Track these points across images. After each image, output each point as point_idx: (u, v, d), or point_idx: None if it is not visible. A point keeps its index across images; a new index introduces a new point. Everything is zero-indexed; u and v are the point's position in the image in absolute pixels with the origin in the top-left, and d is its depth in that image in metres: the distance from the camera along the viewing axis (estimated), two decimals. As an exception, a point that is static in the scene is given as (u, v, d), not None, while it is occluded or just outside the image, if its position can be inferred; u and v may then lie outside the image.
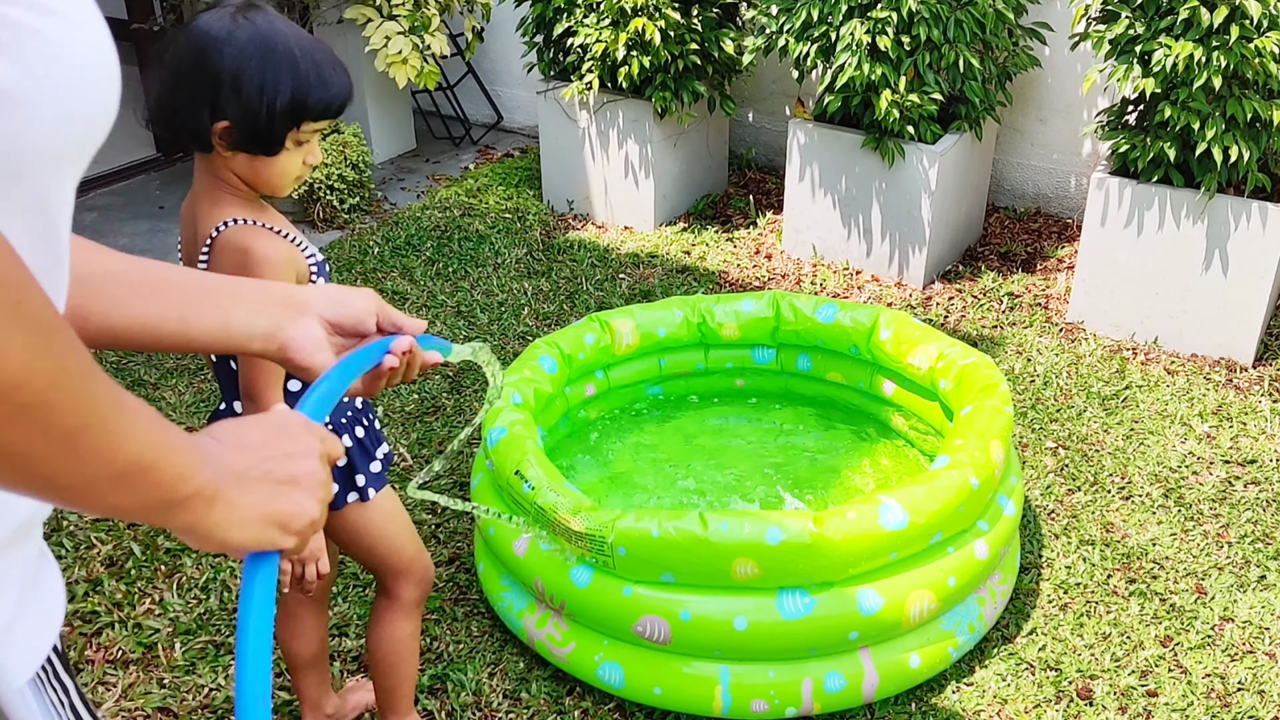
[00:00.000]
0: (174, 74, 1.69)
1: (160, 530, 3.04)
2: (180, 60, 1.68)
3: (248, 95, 1.67)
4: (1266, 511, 3.12)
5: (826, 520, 2.34)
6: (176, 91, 1.69)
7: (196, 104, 1.68)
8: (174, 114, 1.71)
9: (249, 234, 1.76)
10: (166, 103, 1.71)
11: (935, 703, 2.54)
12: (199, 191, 1.81)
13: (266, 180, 1.79)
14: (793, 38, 4.13)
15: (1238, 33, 3.37)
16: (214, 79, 1.66)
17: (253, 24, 1.68)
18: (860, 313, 3.19)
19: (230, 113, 1.68)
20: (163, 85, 1.70)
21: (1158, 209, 3.76)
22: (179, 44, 1.69)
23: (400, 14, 4.76)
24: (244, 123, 1.69)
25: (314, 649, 2.28)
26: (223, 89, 1.66)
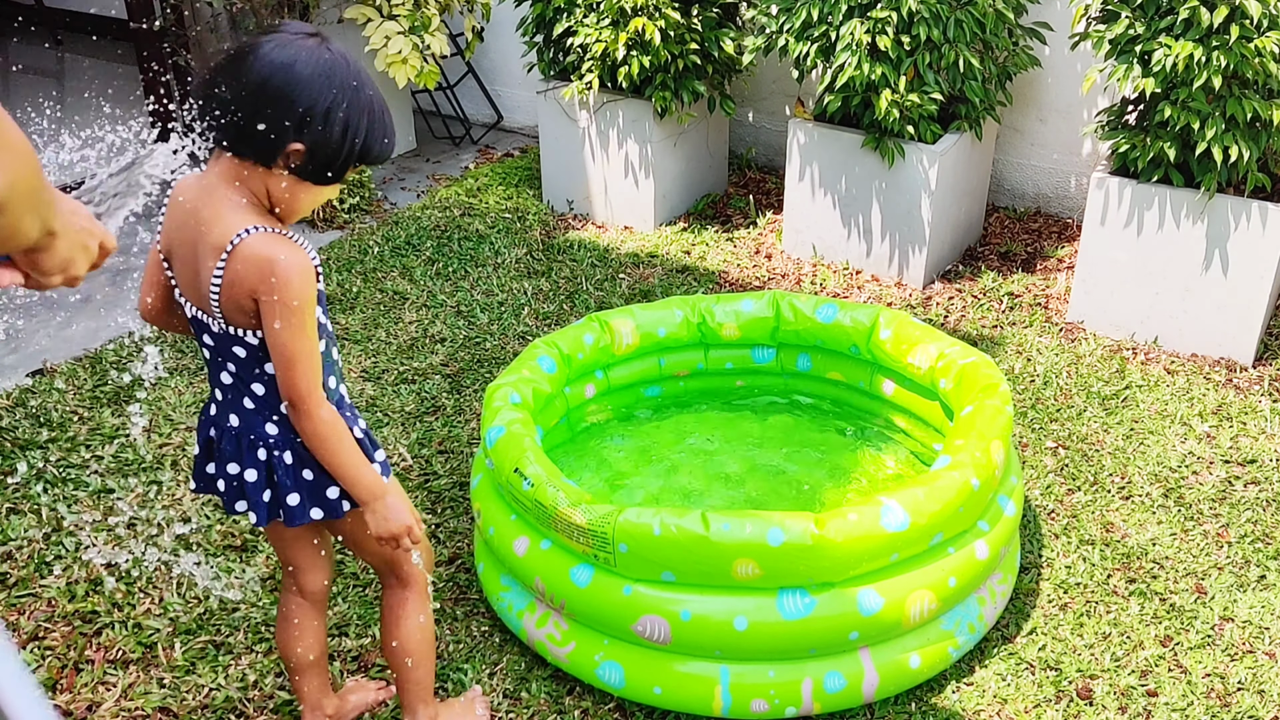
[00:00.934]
0: (263, 87, 1.71)
1: (160, 530, 3.04)
2: (273, 75, 1.71)
3: (332, 129, 1.74)
4: (1266, 511, 3.12)
5: (828, 521, 2.35)
6: (262, 102, 1.71)
7: (281, 121, 1.71)
8: (250, 121, 1.72)
9: (274, 242, 1.76)
10: (245, 108, 1.71)
11: (935, 703, 2.54)
12: (216, 193, 1.79)
13: (299, 205, 1.83)
14: (793, 37, 4.13)
15: (1238, 32, 3.37)
16: (308, 105, 1.72)
17: (345, 62, 1.76)
18: (860, 312, 3.19)
19: (309, 139, 1.74)
20: (245, 90, 1.71)
21: (1158, 209, 3.76)
22: (270, 58, 1.71)
23: (400, 14, 4.76)
24: (319, 152, 1.75)
25: (315, 652, 2.28)
26: (313, 117, 1.72)
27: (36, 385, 3.68)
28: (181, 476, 3.24)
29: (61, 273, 1.21)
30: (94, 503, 3.14)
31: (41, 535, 3.01)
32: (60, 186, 1.22)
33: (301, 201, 1.83)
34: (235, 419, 1.95)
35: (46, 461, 3.30)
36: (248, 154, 1.76)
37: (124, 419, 3.50)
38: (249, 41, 1.76)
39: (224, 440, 1.97)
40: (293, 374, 1.81)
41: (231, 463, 1.96)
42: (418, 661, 2.22)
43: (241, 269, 1.76)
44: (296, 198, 1.82)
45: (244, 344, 1.86)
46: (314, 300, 1.81)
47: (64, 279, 1.23)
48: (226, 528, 3.04)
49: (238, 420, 1.95)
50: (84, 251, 1.24)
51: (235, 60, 1.73)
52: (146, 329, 4.02)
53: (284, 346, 1.80)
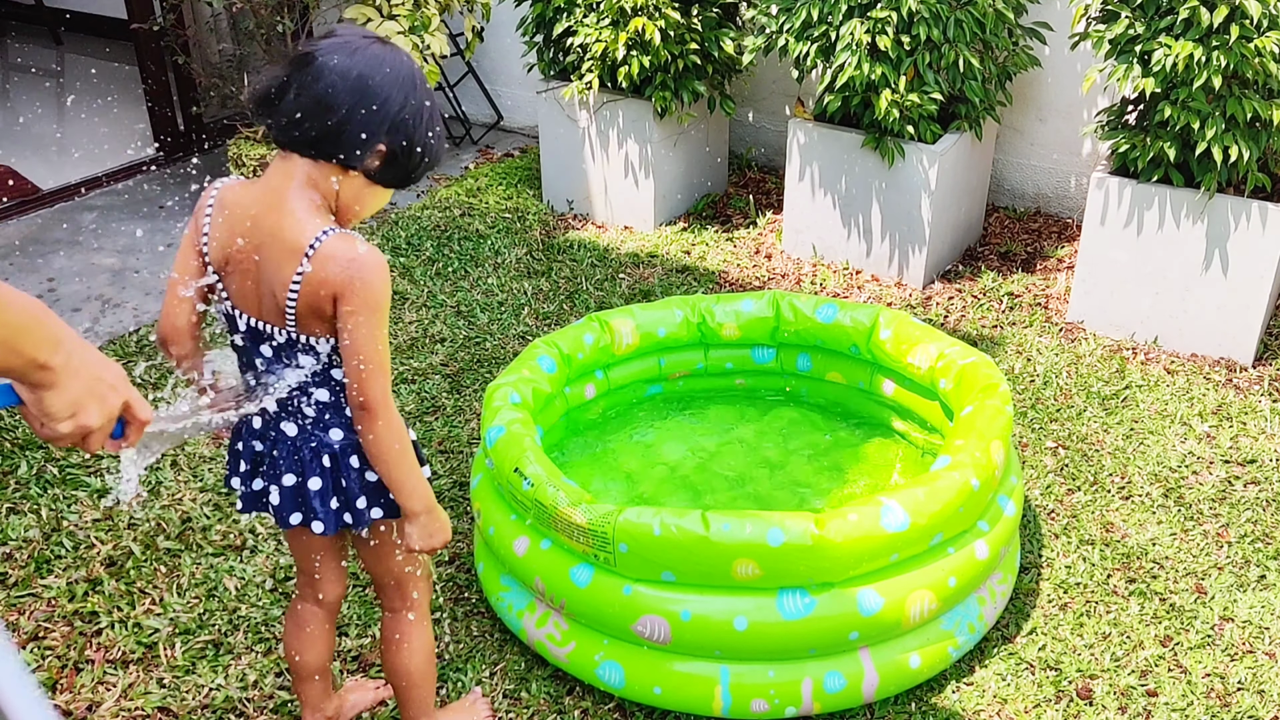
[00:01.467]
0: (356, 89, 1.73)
1: (160, 530, 3.04)
2: (366, 76, 1.73)
3: (420, 133, 1.79)
4: (1266, 511, 3.12)
5: (828, 522, 2.35)
6: (356, 104, 1.73)
7: (374, 123, 1.74)
8: (340, 121, 1.73)
9: (355, 242, 1.77)
10: (335, 110, 1.72)
11: (935, 702, 2.54)
12: (286, 196, 1.78)
13: (364, 206, 1.84)
14: (793, 37, 4.13)
15: (1238, 32, 3.37)
16: (398, 107, 1.75)
17: (416, 66, 1.81)
18: (860, 312, 3.19)
19: (395, 141, 1.77)
20: (334, 93, 1.72)
21: (1158, 209, 3.76)
22: (357, 60, 1.73)
23: (400, 14, 4.76)
24: (401, 154, 1.79)
25: (322, 660, 2.27)
26: (405, 120, 1.76)
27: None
28: (182, 477, 3.24)
29: (70, 419, 1.19)
30: (94, 503, 3.14)
31: (41, 535, 3.01)
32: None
33: (367, 205, 1.84)
34: (292, 428, 1.92)
35: (47, 461, 3.30)
36: (332, 156, 1.76)
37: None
38: (318, 46, 1.76)
39: (278, 451, 1.93)
40: (367, 376, 1.79)
41: (288, 474, 1.94)
42: (419, 680, 2.22)
43: (324, 270, 1.74)
44: (363, 200, 1.83)
45: (312, 351, 1.84)
46: (389, 303, 1.81)
47: (75, 428, 1.20)
48: (226, 528, 3.04)
49: (295, 429, 1.92)
50: (98, 401, 1.21)
51: (307, 64, 1.74)
52: (143, 329, 4.02)
53: (363, 349, 1.78)
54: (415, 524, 1.94)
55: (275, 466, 1.94)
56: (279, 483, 1.95)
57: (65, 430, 1.20)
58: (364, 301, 1.75)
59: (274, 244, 1.77)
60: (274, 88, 1.75)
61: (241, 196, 1.82)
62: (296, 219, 1.76)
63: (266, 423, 1.94)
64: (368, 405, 1.82)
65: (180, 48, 4.91)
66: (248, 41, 5.16)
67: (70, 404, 1.17)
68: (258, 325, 1.85)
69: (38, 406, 1.17)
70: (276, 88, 1.75)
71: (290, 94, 1.74)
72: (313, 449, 1.92)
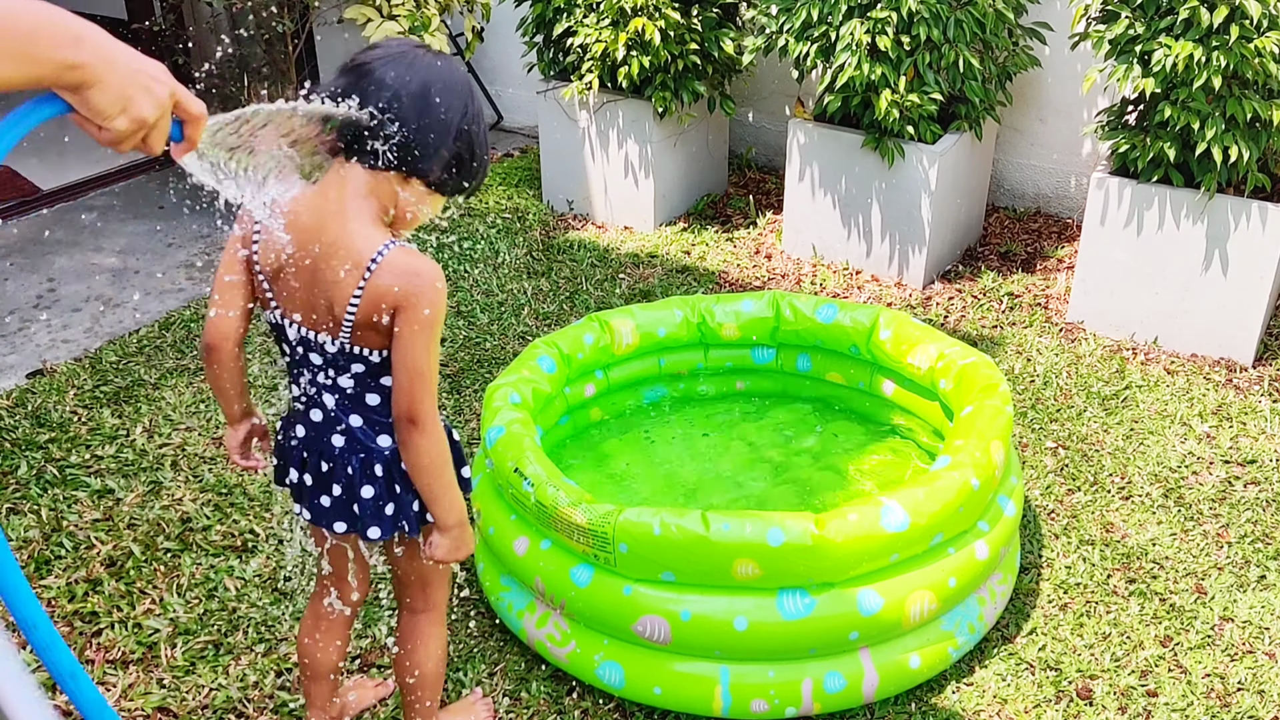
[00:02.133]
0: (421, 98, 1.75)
1: (160, 530, 3.04)
2: (429, 85, 1.77)
3: (480, 140, 1.84)
4: (1266, 511, 3.12)
5: (828, 522, 2.35)
6: (423, 113, 1.76)
7: (441, 132, 1.78)
8: (410, 132, 1.75)
9: (416, 256, 1.78)
10: (404, 119, 1.74)
11: (935, 703, 2.54)
12: (345, 204, 1.78)
13: (420, 217, 1.86)
14: (792, 38, 4.13)
15: (1237, 33, 3.37)
16: (462, 115, 1.80)
17: (469, 77, 1.86)
18: (860, 313, 3.19)
19: (458, 150, 1.80)
20: (421, 107, 1.75)
21: (1157, 209, 3.76)
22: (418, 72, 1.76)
23: (400, 14, 4.76)
24: (465, 162, 1.82)
25: (335, 661, 2.27)
26: (467, 129, 1.80)
27: (36, 385, 3.68)
28: (182, 477, 3.24)
29: (122, 113, 1.15)
30: (94, 503, 3.14)
31: (41, 535, 3.01)
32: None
33: (423, 213, 1.85)
34: (340, 439, 1.91)
35: (47, 462, 3.30)
36: (399, 166, 1.77)
37: (124, 419, 3.50)
38: (372, 59, 1.78)
39: (327, 462, 1.93)
40: (419, 389, 1.80)
41: (335, 485, 1.93)
42: (429, 683, 2.21)
43: (386, 283, 1.75)
44: (421, 210, 1.84)
45: (364, 361, 1.84)
46: (444, 317, 1.83)
47: (130, 122, 1.16)
48: (227, 528, 3.04)
49: (343, 440, 1.91)
50: (144, 91, 1.17)
51: (365, 78, 1.75)
52: (143, 329, 4.02)
53: (416, 361, 1.78)
54: (448, 536, 1.94)
55: (322, 479, 1.94)
56: (329, 492, 1.95)
57: (122, 126, 1.16)
58: (422, 316, 1.76)
59: (334, 255, 1.77)
60: (335, 105, 1.76)
61: (296, 204, 1.81)
62: (358, 230, 1.77)
63: (315, 433, 1.93)
64: (416, 419, 1.82)
65: (180, 48, 4.91)
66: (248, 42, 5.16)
67: (117, 98, 1.14)
68: (308, 334, 1.85)
69: (86, 108, 1.13)
70: (337, 103, 1.76)
71: (351, 105, 1.75)
72: (361, 459, 1.91)
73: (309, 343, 1.85)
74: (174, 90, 1.21)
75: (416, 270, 1.76)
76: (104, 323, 4.11)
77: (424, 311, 1.76)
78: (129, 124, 1.16)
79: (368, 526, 1.94)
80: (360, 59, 1.79)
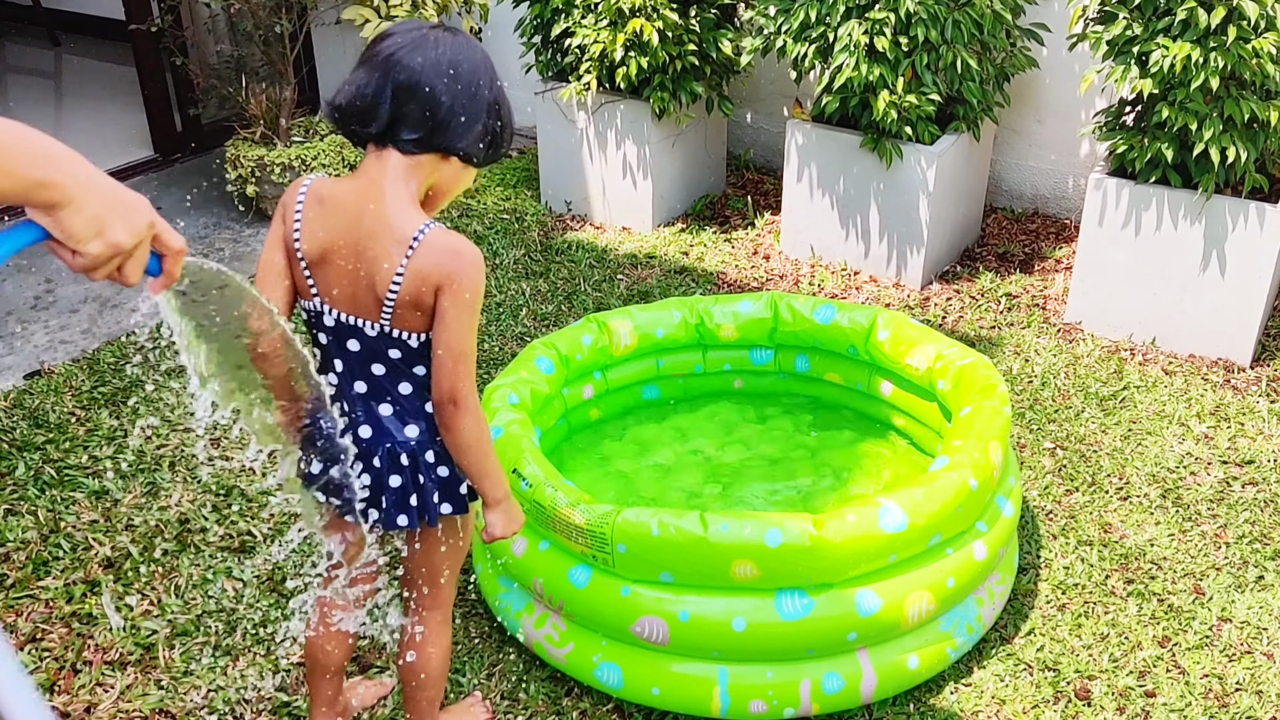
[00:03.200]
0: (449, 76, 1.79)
1: (158, 532, 3.03)
2: (468, 70, 1.81)
3: (506, 108, 1.88)
4: (1264, 512, 3.12)
5: (826, 523, 2.35)
6: (464, 95, 1.80)
7: (474, 107, 1.82)
8: (446, 112, 1.79)
9: (455, 236, 1.83)
10: (437, 100, 1.79)
11: (933, 703, 2.54)
12: (384, 189, 1.82)
13: (457, 188, 1.92)
14: (790, 38, 4.13)
15: (1235, 33, 3.37)
16: (488, 88, 1.84)
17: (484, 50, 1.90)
18: (858, 313, 3.19)
19: (490, 122, 1.85)
20: (454, 87, 1.79)
21: (1155, 210, 3.76)
22: (442, 52, 1.80)
23: (398, 14, 4.76)
24: (497, 132, 1.87)
25: (343, 657, 2.28)
26: (494, 100, 1.85)
27: (34, 386, 3.67)
28: (179, 478, 3.24)
29: (97, 236, 1.11)
30: (92, 504, 3.13)
31: (39, 536, 3.01)
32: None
33: (461, 184, 1.92)
34: (367, 429, 1.93)
35: (45, 463, 3.29)
36: (437, 146, 1.81)
37: (121, 420, 3.50)
38: (393, 46, 1.80)
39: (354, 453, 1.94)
40: (460, 369, 1.83)
41: (363, 475, 1.94)
42: (433, 683, 2.22)
43: (428, 261, 1.79)
44: (457, 185, 1.91)
45: (402, 346, 1.86)
46: (483, 299, 1.86)
47: (105, 247, 1.12)
48: (225, 529, 3.04)
49: (370, 431, 1.93)
50: (122, 217, 1.13)
51: (392, 66, 1.78)
52: (140, 331, 4.01)
53: (457, 341, 1.82)
54: (498, 511, 1.98)
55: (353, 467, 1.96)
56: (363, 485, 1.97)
57: (96, 250, 1.12)
58: (463, 294, 1.80)
59: (377, 237, 1.81)
60: (363, 95, 1.80)
61: (336, 191, 1.85)
62: (398, 212, 1.81)
63: (346, 425, 1.94)
64: (458, 399, 1.85)
65: (178, 49, 4.90)
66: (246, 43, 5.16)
67: (92, 219, 1.10)
68: (348, 319, 1.87)
69: (59, 229, 1.10)
70: (370, 97, 1.79)
71: (387, 99, 1.78)
72: (388, 449, 1.93)
73: (348, 329, 1.87)
74: (153, 221, 1.19)
75: (458, 250, 1.80)
76: (101, 324, 4.11)
77: (465, 292, 1.80)
78: (103, 248, 1.12)
79: (395, 516, 1.96)
80: (381, 48, 1.81)
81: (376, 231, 1.80)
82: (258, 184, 4.73)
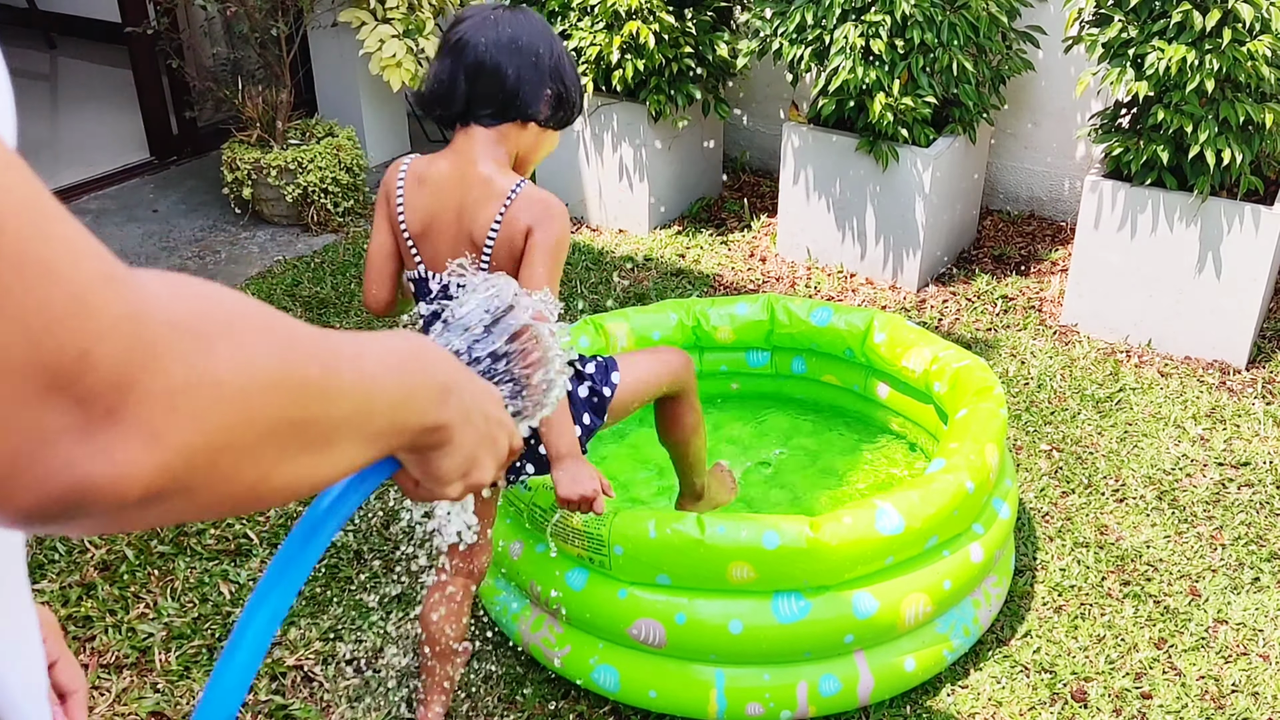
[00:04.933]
0: (520, 49, 1.99)
1: (154, 534, 3.03)
2: (527, 41, 2.00)
3: (571, 72, 2.07)
4: (1260, 514, 3.13)
5: (823, 525, 2.35)
6: (526, 65, 2.00)
7: (539, 74, 2.01)
8: (514, 83, 1.99)
9: (545, 193, 2.04)
10: (505, 74, 1.98)
11: (930, 705, 2.54)
12: (477, 159, 2.02)
13: (541, 150, 2.11)
14: (787, 41, 4.14)
15: (1230, 36, 3.38)
16: (550, 54, 2.03)
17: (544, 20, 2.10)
18: (854, 316, 3.20)
19: (555, 86, 2.04)
20: (516, 59, 1.99)
21: (1151, 212, 3.77)
22: (504, 29, 1.99)
23: (394, 17, 4.76)
24: (565, 94, 2.06)
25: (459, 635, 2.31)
26: (557, 65, 2.04)
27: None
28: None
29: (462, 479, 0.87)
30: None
31: (34, 539, 3.00)
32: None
33: (541, 152, 2.11)
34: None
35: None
36: (514, 116, 2.01)
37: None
38: (462, 32, 2.00)
39: None
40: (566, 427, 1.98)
41: None
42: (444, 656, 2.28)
43: (522, 208, 2.00)
44: (540, 148, 2.10)
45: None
46: (567, 254, 2.05)
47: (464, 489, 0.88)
48: (220, 531, 3.04)
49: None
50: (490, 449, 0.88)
51: (463, 50, 1.99)
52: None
53: (537, 283, 1.96)
54: (563, 468, 2.04)
55: None
56: None
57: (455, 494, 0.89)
58: (550, 243, 1.98)
59: (475, 198, 2.02)
60: (440, 81, 2.01)
61: (434, 168, 2.06)
62: (494, 175, 2.02)
63: None
64: (572, 452, 1.99)
65: (174, 52, 4.90)
66: (242, 45, 5.16)
67: (464, 460, 0.85)
68: (450, 282, 2.03)
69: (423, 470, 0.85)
70: (447, 82, 2.00)
71: (461, 81, 1.99)
72: None
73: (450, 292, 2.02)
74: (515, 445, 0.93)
75: (548, 202, 2.01)
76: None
77: (551, 237, 1.99)
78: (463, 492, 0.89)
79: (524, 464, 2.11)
80: (451, 35, 2.01)
81: (475, 193, 2.01)
82: (254, 187, 4.73)
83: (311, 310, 4.15)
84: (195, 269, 4.53)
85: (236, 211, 4.92)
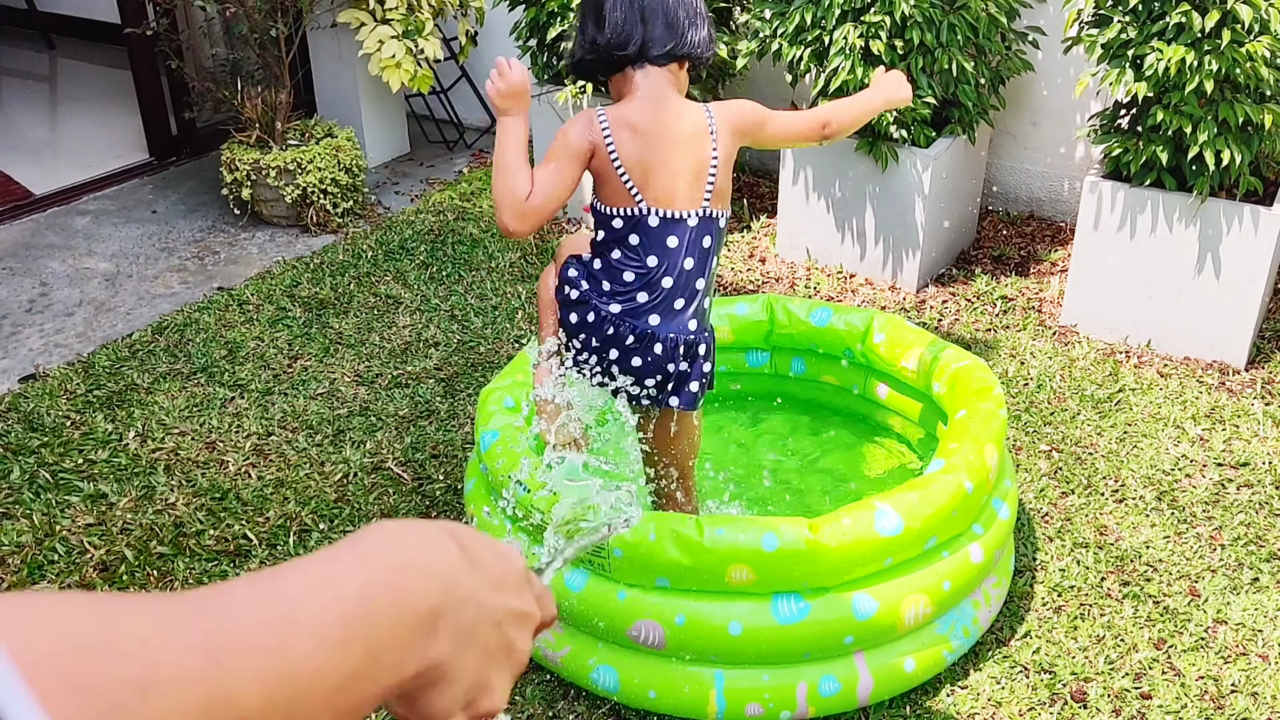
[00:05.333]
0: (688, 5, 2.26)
1: (153, 534, 3.03)
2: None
3: (708, 22, 2.33)
4: (1259, 514, 3.13)
5: (822, 527, 2.35)
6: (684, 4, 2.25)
7: (698, 25, 2.28)
8: (685, 29, 2.25)
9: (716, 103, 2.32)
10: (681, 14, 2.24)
11: (930, 706, 2.54)
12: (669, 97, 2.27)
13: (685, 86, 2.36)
14: (786, 41, 4.14)
15: (1229, 37, 3.38)
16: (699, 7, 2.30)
17: None
18: (854, 316, 3.20)
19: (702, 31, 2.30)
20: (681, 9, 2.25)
21: (1150, 212, 3.77)
22: None
23: (394, 18, 4.76)
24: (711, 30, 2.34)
25: None
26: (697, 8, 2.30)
27: (28, 390, 3.67)
28: (175, 482, 3.23)
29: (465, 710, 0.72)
30: (87, 507, 3.13)
31: (34, 540, 3.00)
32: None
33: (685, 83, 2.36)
34: (694, 323, 2.31)
35: (40, 466, 3.29)
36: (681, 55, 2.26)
37: (116, 424, 3.49)
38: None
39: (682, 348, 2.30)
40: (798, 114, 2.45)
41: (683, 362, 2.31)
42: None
43: (723, 120, 2.28)
44: (683, 82, 2.33)
45: (713, 229, 2.28)
46: None
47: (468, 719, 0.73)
48: (220, 533, 3.04)
49: (695, 324, 2.31)
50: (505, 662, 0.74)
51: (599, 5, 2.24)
52: (135, 333, 4.01)
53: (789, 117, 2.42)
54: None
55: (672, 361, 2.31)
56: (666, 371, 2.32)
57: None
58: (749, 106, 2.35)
59: (685, 136, 2.23)
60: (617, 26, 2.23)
61: (640, 113, 2.24)
62: (688, 110, 2.27)
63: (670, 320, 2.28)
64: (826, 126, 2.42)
65: (173, 52, 4.90)
66: (241, 46, 5.16)
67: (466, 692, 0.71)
68: (670, 214, 2.24)
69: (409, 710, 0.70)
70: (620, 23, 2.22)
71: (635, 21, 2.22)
72: (672, 339, 2.27)
73: (670, 225, 2.24)
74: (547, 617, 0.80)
75: (729, 103, 2.33)
76: (97, 327, 4.10)
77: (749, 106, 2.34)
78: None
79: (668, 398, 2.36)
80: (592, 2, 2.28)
81: (682, 133, 2.23)
82: (253, 187, 4.73)
83: (310, 310, 4.15)
84: (193, 270, 4.53)
85: (236, 212, 4.92)
